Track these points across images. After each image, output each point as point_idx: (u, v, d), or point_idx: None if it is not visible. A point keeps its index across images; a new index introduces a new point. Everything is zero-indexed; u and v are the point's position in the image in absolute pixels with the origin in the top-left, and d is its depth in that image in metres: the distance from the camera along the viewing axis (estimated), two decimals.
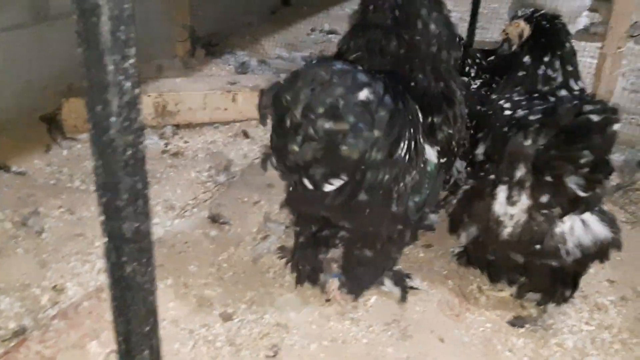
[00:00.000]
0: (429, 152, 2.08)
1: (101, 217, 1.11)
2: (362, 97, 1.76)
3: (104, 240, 1.13)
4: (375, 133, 1.79)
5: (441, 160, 2.12)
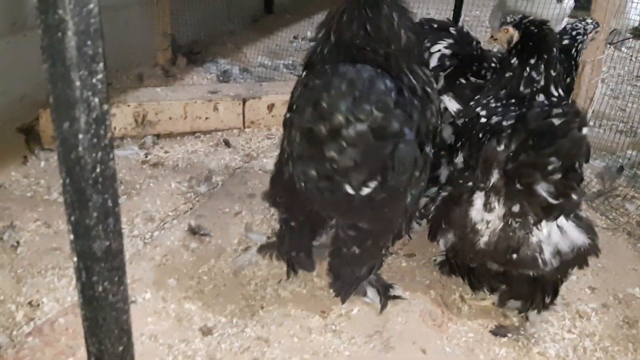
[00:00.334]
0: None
1: (70, 236, 1.08)
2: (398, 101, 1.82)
3: (73, 259, 1.10)
4: (413, 135, 1.88)
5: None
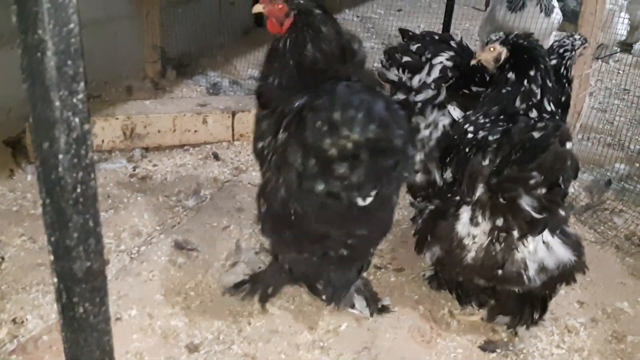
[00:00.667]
0: None
1: (51, 256, 1.06)
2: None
3: (54, 280, 1.09)
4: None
5: None
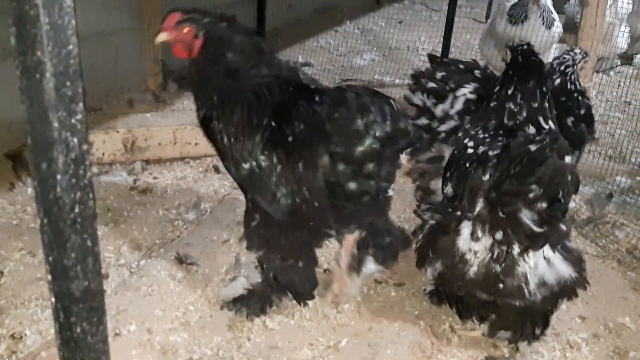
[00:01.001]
0: None
1: (48, 276, 1.06)
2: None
3: (51, 300, 1.08)
4: None
5: None
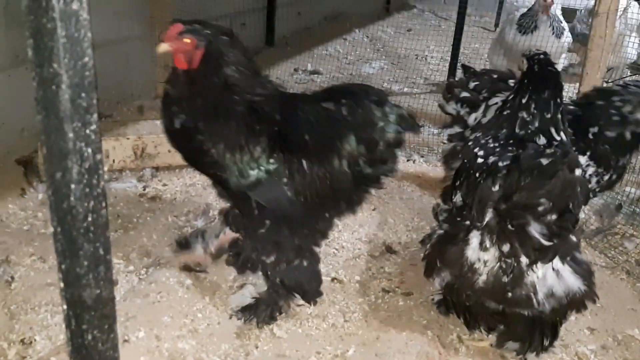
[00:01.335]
0: None
1: (61, 284, 1.07)
2: None
3: (63, 307, 1.09)
4: None
5: None
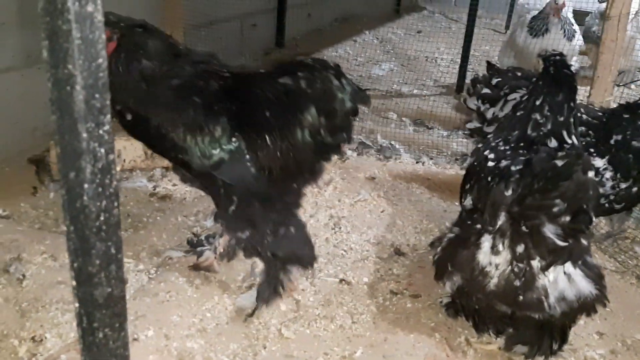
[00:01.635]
0: None
1: (73, 282, 1.09)
2: None
3: (75, 305, 1.11)
4: None
5: None
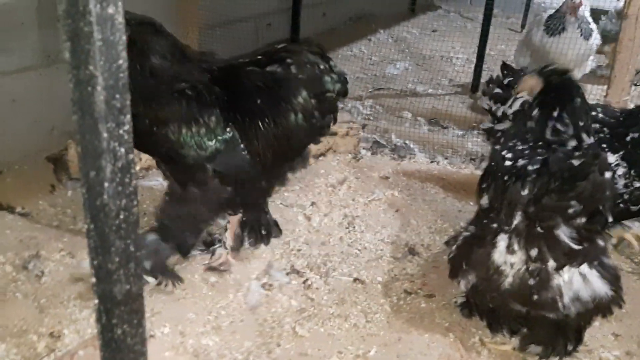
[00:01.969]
0: None
1: (92, 279, 1.11)
2: None
3: (95, 302, 1.13)
4: None
5: None
